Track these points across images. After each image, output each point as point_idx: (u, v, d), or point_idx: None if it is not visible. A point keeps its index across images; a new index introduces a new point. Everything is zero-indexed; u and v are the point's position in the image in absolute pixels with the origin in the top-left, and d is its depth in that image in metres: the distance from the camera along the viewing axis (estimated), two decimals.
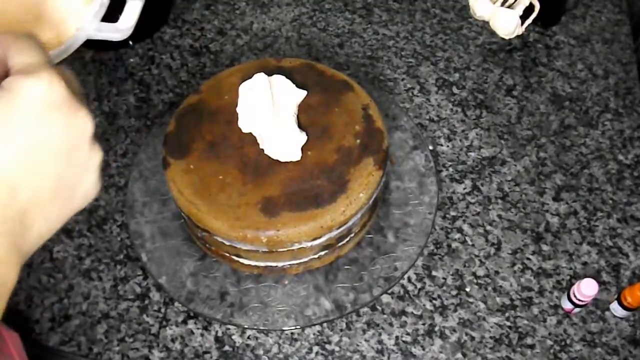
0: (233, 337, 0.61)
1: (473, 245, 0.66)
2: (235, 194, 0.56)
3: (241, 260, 0.60)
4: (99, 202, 0.70)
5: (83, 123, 0.33)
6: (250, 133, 0.60)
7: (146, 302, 0.63)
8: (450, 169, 0.71)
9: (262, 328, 0.59)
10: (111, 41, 0.88)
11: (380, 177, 0.58)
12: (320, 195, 0.56)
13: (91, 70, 0.82)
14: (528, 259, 0.65)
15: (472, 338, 0.60)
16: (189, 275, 0.62)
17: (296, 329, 0.60)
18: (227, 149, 0.59)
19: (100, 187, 0.36)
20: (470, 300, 0.62)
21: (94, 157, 0.34)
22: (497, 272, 0.64)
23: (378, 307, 0.62)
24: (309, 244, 0.57)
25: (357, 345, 0.60)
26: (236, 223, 0.55)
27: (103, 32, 0.49)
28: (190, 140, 0.60)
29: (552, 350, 0.59)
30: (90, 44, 0.85)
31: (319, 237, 0.56)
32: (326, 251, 0.60)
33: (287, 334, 0.61)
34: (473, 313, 0.62)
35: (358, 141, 0.59)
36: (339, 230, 0.57)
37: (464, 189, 0.70)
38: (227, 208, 0.56)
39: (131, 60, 0.83)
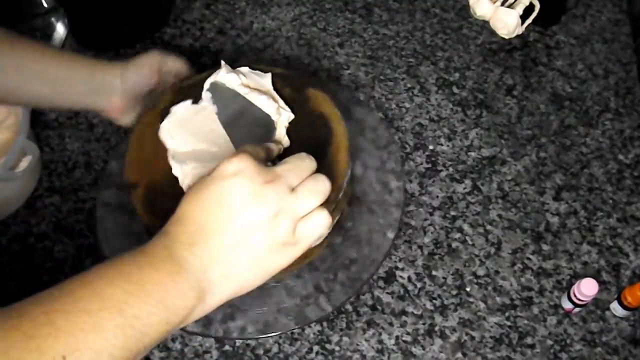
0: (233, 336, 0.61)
1: (473, 245, 0.66)
2: None
3: None
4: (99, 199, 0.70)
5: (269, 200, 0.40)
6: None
7: None
8: (450, 169, 0.71)
9: (262, 336, 0.59)
10: (111, 41, 0.88)
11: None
12: None
13: None
14: (528, 258, 0.65)
15: (472, 338, 0.60)
16: None
17: (296, 329, 0.60)
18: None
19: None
20: (471, 300, 0.62)
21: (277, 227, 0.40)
22: (497, 272, 0.64)
23: (378, 306, 0.62)
24: None
25: (357, 345, 0.60)
26: None
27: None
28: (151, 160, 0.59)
29: (552, 350, 0.59)
30: (90, 44, 0.85)
31: None
32: None
33: (287, 334, 0.61)
34: (473, 313, 0.62)
35: None
36: None
37: (464, 188, 0.70)
38: None
39: None
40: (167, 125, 0.58)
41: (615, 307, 0.61)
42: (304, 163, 0.43)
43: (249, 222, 0.39)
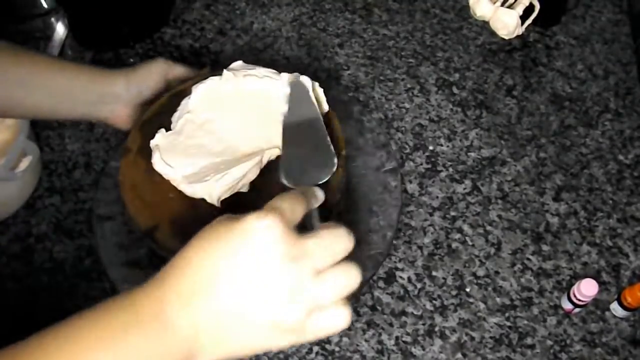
0: None
1: (473, 245, 0.66)
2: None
3: None
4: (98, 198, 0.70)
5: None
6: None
7: None
8: (450, 169, 0.71)
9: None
10: (111, 41, 0.88)
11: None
12: None
13: None
14: (528, 259, 0.65)
15: (472, 338, 0.60)
16: None
17: None
18: None
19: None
20: (470, 300, 0.62)
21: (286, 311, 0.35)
22: (497, 272, 0.64)
23: (378, 307, 0.62)
24: None
25: (357, 345, 0.60)
26: None
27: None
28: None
29: (552, 351, 0.59)
30: (90, 44, 0.85)
31: None
32: None
33: None
34: (473, 313, 0.62)
35: None
36: None
37: (464, 189, 0.70)
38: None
39: (131, 60, 0.83)
40: (159, 158, 0.56)
41: (615, 307, 0.61)
42: (341, 243, 0.38)
43: (258, 296, 0.34)
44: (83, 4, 0.82)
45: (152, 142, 0.57)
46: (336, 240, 0.37)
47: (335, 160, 0.47)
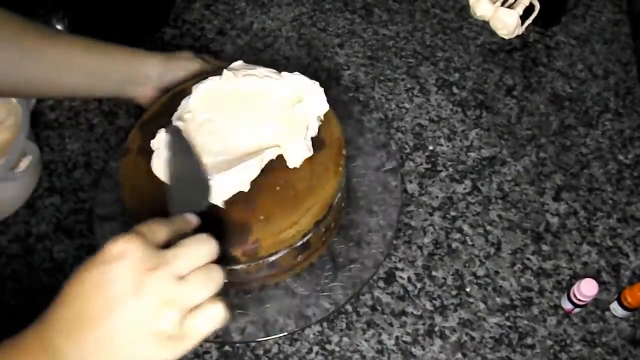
0: (233, 336, 0.61)
1: (473, 245, 0.66)
2: None
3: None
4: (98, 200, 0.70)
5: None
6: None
7: None
8: (450, 169, 0.71)
9: (262, 339, 0.59)
10: (111, 41, 0.88)
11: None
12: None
13: None
14: (528, 259, 0.65)
15: (472, 338, 0.60)
16: None
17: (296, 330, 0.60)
18: None
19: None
20: (470, 300, 0.62)
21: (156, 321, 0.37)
22: (497, 272, 0.64)
23: (378, 307, 0.62)
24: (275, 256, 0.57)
25: (357, 345, 0.60)
26: None
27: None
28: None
29: (552, 351, 0.59)
30: None
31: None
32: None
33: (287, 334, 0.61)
34: (473, 313, 0.62)
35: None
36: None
37: (464, 189, 0.70)
38: None
39: None
40: (158, 163, 0.56)
41: (615, 307, 0.61)
42: (202, 248, 0.40)
43: (127, 313, 0.36)
44: (83, 4, 0.82)
45: (153, 143, 0.57)
46: (197, 246, 0.39)
47: (209, 189, 0.50)
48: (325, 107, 0.60)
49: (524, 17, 0.78)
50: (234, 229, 0.54)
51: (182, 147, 0.51)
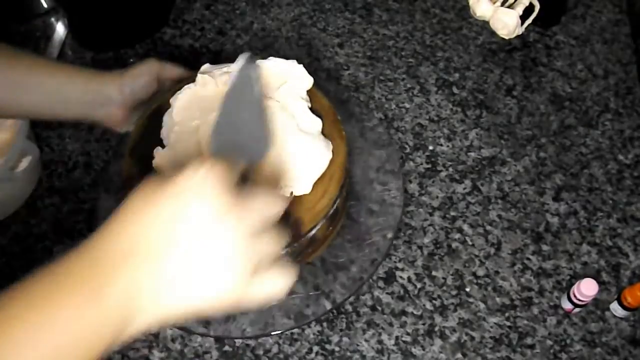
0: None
1: (473, 245, 0.66)
2: None
3: None
4: (99, 202, 0.70)
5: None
6: None
7: None
8: (450, 169, 0.71)
9: (261, 334, 0.59)
10: (111, 41, 0.88)
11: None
12: None
13: None
14: (528, 259, 0.65)
15: (472, 338, 0.60)
16: None
17: (296, 329, 0.60)
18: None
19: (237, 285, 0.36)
20: (470, 300, 0.62)
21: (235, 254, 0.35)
22: (497, 272, 0.64)
23: (378, 307, 0.62)
24: None
25: (357, 345, 0.60)
26: None
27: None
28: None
29: (552, 350, 0.59)
30: (90, 44, 0.85)
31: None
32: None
33: (287, 334, 0.61)
34: (473, 313, 0.62)
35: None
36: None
37: (464, 189, 0.70)
38: None
39: (131, 60, 0.83)
40: (161, 161, 0.57)
41: (615, 307, 0.61)
42: (276, 205, 0.38)
43: (200, 250, 0.34)
44: (83, 4, 0.82)
45: (154, 163, 0.57)
46: (271, 200, 0.38)
47: (269, 145, 0.46)
48: (310, 80, 0.60)
49: (524, 17, 0.78)
50: None
51: (249, 82, 0.45)
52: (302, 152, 0.55)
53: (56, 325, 0.31)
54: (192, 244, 0.34)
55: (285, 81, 0.59)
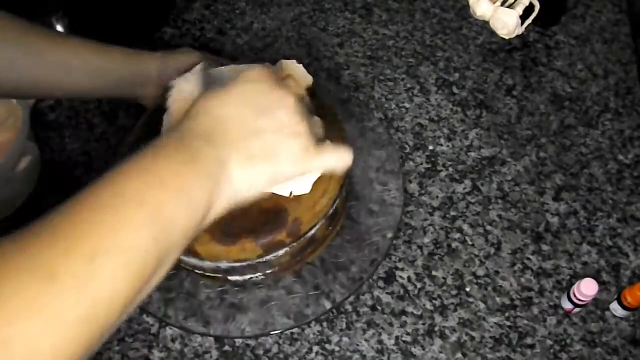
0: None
1: (473, 245, 0.66)
2: None
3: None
4: None
5: (280, 95, 0.43)
6: None
7: (146, 301, 0.63)
8: (450, 169, 0.71)
9: (262, 333, 0.59)
10: (111, 41, 0.88)
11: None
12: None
13: None
14: (528, 259, 0.65)
15: (472, 338, 0.60)
16: (187, 276, 0.62)
17: (296, 328, 0.60)
18: None
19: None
20: (471, 300, 0.62)
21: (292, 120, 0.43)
22: (497, 272, 0.64)
23: (378, 307, 0.62)
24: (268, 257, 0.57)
25: (357, 345, 0.60)
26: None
27: None
28: None
29: (552, 350, 0.59)
30: None
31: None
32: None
33: (287, 334, 0.61)
34: (473, 313, 0.62)
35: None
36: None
37: (464, 189, 0.70)
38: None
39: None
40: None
41: (615, 307, 0.61)
42: (305, 77, 0.52)
43: (273, 122, 0.41)
44: (83, 4, 0.82)
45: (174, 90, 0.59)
46: (299, 83, 0.49)
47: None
48: (310, 78, 0.60)
49: (524, 17, 0.78)
50: (272, 217, 0.55)
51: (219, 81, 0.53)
52: None
53: (164, 184, 0.36)
54: (265, 119, 0.41)
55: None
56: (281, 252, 0.56)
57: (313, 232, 0.57)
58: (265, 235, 0.54)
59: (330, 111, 0.61)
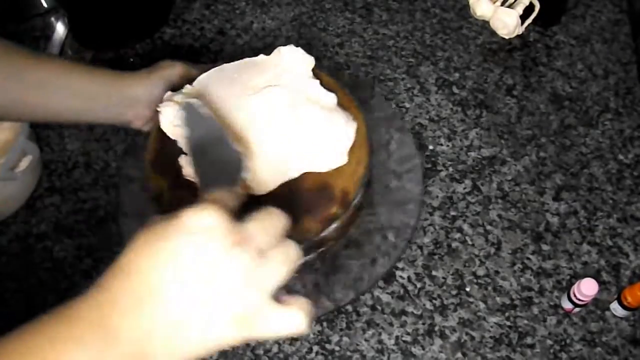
0: None
1: (473, 245, 0.66)
2: None
3: None
4: (98, 202, 0.70)
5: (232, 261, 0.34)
6: None
7: None
8: (450, 169, 0.71)
9: None
10: (111, 41, 0.88)
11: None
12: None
13: None
14: (528, 258, 0.65)
15: (472, 338, 0.60)
16: None
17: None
18: None
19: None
20: (470, 300, 0.62)
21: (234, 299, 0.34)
22: (497, 272, 0.64)
23: (378, 306, 0.62)
24: None
25: (357, 345, 0.60)
26: None
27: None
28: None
29: (552, 350, 0.59)
30: (90, 44, 0.85)
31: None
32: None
33: None
34: (473, 313, 0.62)
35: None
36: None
37: (464, 188, 0.70)
38: None
39: (131, 60, 0.83)
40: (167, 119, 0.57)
41: (615, 307, 0.61)
42: (276, 221, 0.37)
43: (211, 290, 0.33)
44: (83, 4, 0.82)
45: (185, 172, 0.57)
46: (273, 220, 0.37)
47: (244, 163, 0.48)
48: (310, 59, 0.61)
49: (524, 17, 0.78)
50: (318, 192, 0.56)
51: (201, 122, 0.48)
52: (329, 126, 0.57)
53: None
54: (198, 283, 0.33)
55: (289, 67, 0.61)
56: (336, 224, 0.58)
57: (357, 199, 0.59)
58: (320, 210, 0.56)
59: (335, 86, 0.62)
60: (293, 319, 0.36)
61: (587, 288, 0.57)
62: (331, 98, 0.60)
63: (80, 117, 0.61)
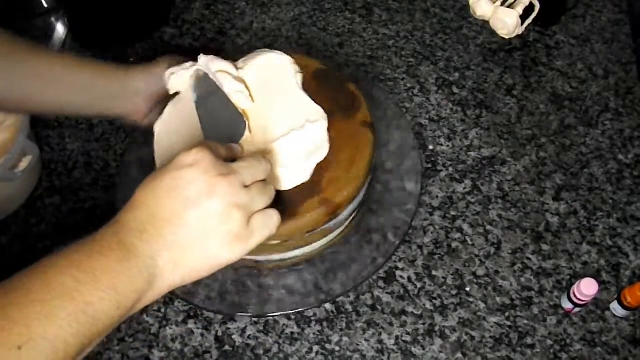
0: (233, 336, 0.61)
1: (473, 245, 0.66)
2: None
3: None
4: (98, 202, 0.70)
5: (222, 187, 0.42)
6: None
7: None
8: (450, 169, 0.71)
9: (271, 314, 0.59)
10: (111, 41, 0.88)
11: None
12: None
13: None
14: (528, 258, 0.65)
15: (472, 338, 0.60)
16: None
17: (296, 327, 0.60)
18: None
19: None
20: (470, 300, 0.62)
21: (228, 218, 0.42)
22: (497, 272, 0.64)
23: (378, 306, 0.62)
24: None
25: (357, 345, 0.60)
26: None
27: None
28: None
29: (552, 350, 0.59)
30: (90, 44, 0.85)
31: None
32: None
33: (287, 334, 0.61)
34: (473, 313, 0.62)
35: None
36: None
37: (464, 188, 0.70)
38: None
39: (131, 60, 0.83)
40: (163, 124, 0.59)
41: (615, 307, 0.61)
42: (260, 165, 0.46)
43: (201, 213, 0.41)
44: (83, 4, 0.82)
45: (170, 82, 0.60)
46: (256, 162, 0.45)
47: (244, 124, 0.54)
48: (299, 73, 0.61)
49: (524, 17, 0.78)
50: (332, 182, 0.57)
51: (209, 88, 0.54)
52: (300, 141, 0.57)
53: (97, 280, 0.37)
54: (190, 208, 0.40)
55: (278, 74, 0.61)
56: (345, 212, 0.59)
57: (365, 189, 0.60)
58: (327, 199, 0.56)
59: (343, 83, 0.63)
60: (272, 222, 0.44)
61: (587, 288, 0.57)
62: (315, 112, 0.58)
63: (79, 107, 0.62)
